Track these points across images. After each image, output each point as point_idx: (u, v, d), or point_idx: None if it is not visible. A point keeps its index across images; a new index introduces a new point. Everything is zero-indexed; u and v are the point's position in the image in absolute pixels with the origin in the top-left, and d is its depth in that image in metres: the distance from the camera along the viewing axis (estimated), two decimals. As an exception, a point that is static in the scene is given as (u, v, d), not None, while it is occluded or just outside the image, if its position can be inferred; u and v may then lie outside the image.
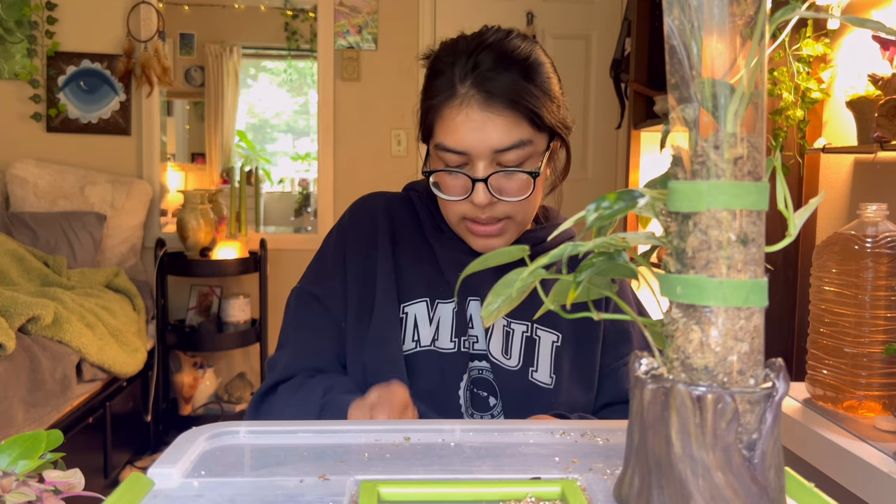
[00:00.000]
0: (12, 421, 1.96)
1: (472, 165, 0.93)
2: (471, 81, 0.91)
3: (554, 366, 0.98)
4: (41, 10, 3.28)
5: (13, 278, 2.62)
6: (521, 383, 0.97)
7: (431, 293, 1.00)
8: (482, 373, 0.98)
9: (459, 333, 0.98)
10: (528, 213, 0.98)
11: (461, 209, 0.96)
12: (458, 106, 0.92)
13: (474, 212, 0.95)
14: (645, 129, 2.74)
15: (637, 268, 0.52)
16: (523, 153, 0.93)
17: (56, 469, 0.58)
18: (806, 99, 1.89)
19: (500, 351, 0.98)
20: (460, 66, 0.93)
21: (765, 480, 0.46)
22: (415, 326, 0.99)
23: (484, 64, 0.92)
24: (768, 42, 0.46)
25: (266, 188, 5.89)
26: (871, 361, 1.24)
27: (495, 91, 0.91)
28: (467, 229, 0.98)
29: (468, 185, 0.93)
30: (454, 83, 0.93)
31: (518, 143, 0.92)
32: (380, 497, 0.52)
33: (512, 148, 0.92)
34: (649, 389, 0.48)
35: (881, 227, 1.24)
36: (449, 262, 1.01)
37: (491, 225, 0.96)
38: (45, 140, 3.33)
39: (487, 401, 0.98)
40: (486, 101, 0.91)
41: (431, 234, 1.04)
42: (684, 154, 0.47)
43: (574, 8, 3.56)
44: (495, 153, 0.92)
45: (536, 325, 0.99)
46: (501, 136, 0.91)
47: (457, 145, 0.92)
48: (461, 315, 0.99)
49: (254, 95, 6.23)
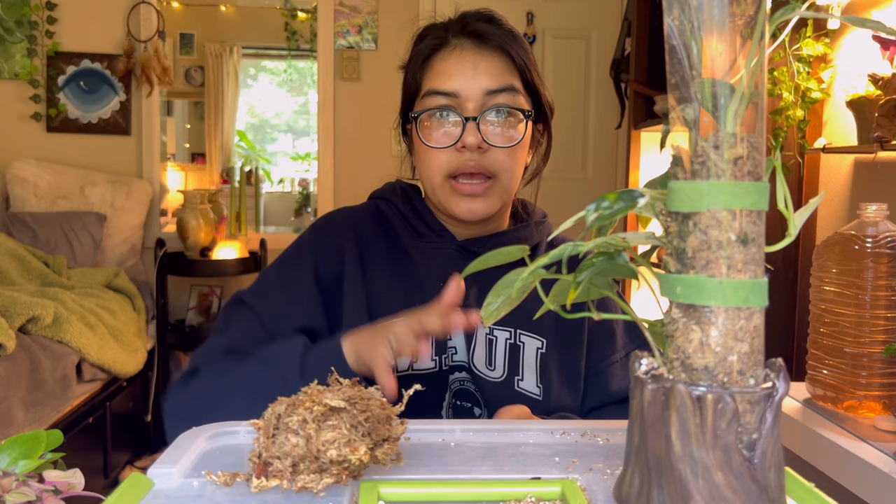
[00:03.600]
0: (12, 421, 1.96)
1: (463, 109, 0.92)
2: (463, 33, 0.95)
3: (540, 374, 0.95)
4: (41, 10, 3.28)
5: (13, 278, 2.62)
6: (507, 393, 0.93)
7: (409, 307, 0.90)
8: (464, 384, 0.94)
9: (439, 351, 0.93)
10: (513, 174, 0.95)
11: (447, 163, 0.92)
12: (451, 51, 0.94)
13: (462, 162, 0.92)
14: (645, 129, 2.74)
15: (637, 268, 0.52)
16: (513, 100, 0.93)
17: (56, 469, 0.58)
18: (806, 99, 1.89)
19: (484, 363, 0.93)
20: (451, 25, 0.96)
21: (765, 480, 0.46)
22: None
23: (473, 20, 0.96)
24: (768, 42, 0.46)
25: (266, 188, 5.89)
26: (871, 361, 1.24)
27: (488, 38, 0.94)
28: (452, 189, 0.93)
29: (457, 133, 0.92)
30: (446, 37, 0.95)
31: (509, 86, 0.93)
32: (380, 497, 0.52)
33: (503, 91, 0.92)
34: (649, 389, 0.48)
35: (881, 227, 1.24)
36: (428, 272, 0.96)
37: (477, 182, 0.92)
38: (45, 140, 3.34)
39: (472, 412, 0.94)
40: (478, 45, 0.94)
41: (408, 243, 0.99)
42: (684, 154, 0.47)
43: (574, 8, 3.56)
44: (486, 95, 0.92)
45: (520, 330, 0.95)
46: (494, 77, 0.92)
47: (448, 86, 0.92)
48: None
49: (254, 95, 6.23)
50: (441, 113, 0.93)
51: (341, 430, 0.52)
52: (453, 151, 0.92)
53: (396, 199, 1.02)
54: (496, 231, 1.01)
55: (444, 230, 1.00)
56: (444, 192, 0.95)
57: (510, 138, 0.93)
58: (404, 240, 0.99)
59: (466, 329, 0.80)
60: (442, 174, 0.93)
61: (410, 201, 1.02)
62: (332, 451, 0.51)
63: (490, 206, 0.94)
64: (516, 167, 0.95)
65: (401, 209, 1.01)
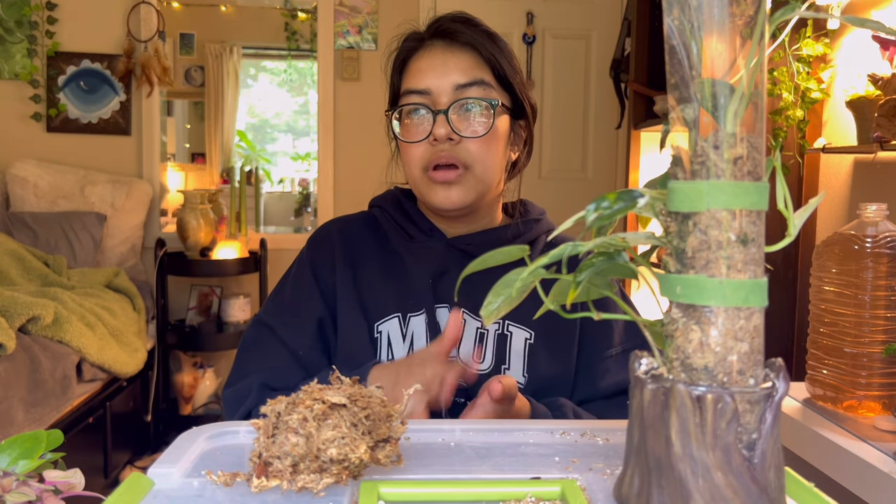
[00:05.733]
0: (12, 421, 1.96)
1: (436, 105, 0.97)
2: (436, 34, 1.00)
3: (528, 364, 0.97)
4: (41, 10, 3.28)
5: (13, 278, 2.62)
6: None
7: (402, 307, 0.99)
8: None
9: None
10: (486, 165, 0.98)
11: (422, 156, 0.97)
12: (422, 52, 1.00)
13: (435, 153, 0.96)
14: (645, 129, 2.74)
15: (637, 268, 0.52)
16: (484, 94, 0.97)
17: (56, 469, 0.58)
18: (806, 99, 1.89)
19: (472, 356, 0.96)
20: (426, 28, 1.02)
21: (765, 480, 0.46)
22: (388, 345, 0.97)
23: (447, 21, 1.00)
24: (768, 42, 0.46)
25: (266, 188, 5.90)
26: (871, 361, 1.24)
27: (458, 37, 0.98)
28: (429, 180, 0.98)
29: (430, 126, 0.96)
30: (421, 39, 1.01)
31: (479, 80, 0.97)
32: (380, 497, 0.52)
33: (473, 84, 0.96)
34: (649, 389, 0.48)
35: (881, 227, 1.24)
36: (419, 271, 1.00)
37: (450, 170, 0.96)
38: (45, 140, 3.34)
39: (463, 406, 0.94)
40: (448, 43, 0.99)
41: (400, 244, 1.03)
42: (684, 154, 0.47)
43: (574, 8, 3.56)
44: (457, 90, 0.96)
45: (508, 321, 0.98)
46: (462, 72, 0.97)
47: (421, 84, 0.97)
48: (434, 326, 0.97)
49: (254, 95, 6.23)
50: (415, 110, 0.98)
51: (341, 428, 0.52)
52: (428, 146, 0.97)
53: (388, 205, 1.08)
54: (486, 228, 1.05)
55: (434, 230, 1.04)
56: (422, 183, 1.00)
57: (479, 128, 0.97)
58: (395, 242, 1.04)
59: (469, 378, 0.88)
60: (419, 167, 0.98)
61: (402, 205, 1.07)
62: (333, 449, 0.51)
63: (465, 195, 0.98)
64: (490, 158, 0.98)
65: (392, 214, 1.06)
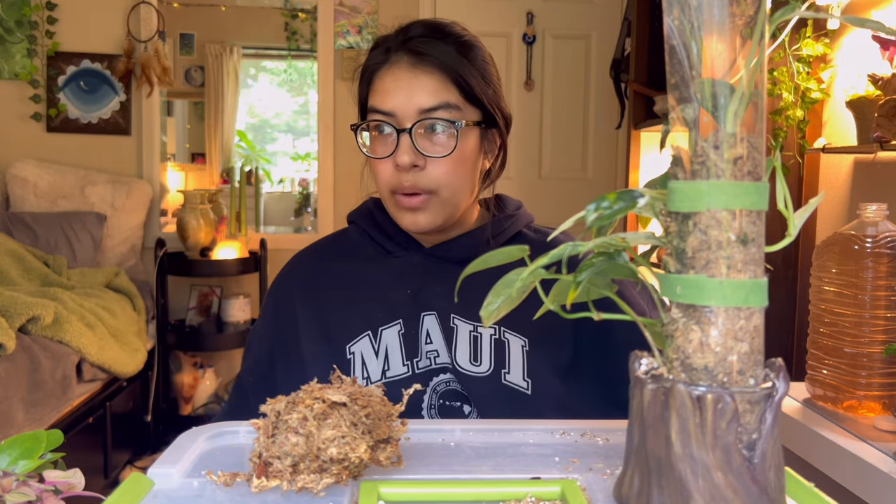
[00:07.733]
0: (12, 421, 1.96)
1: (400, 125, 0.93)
2: (402, 48, 0.95)
3: (528, 369, 0.94)
4: (41, 10, 3.28)
5: (13, 278, 2.62)
6: (494, 386, 0.92)
7: (372, 323, 0.96)
8: (449, 384, 0.94)
9: (411, 355, 0.94)
10: (453, 189, 0.95)
11: (388, 181, 0.95)
12: (388, 69, 0.95)
13: (399, 181, 0.94)
14: (645, 129, 2.74)
15: (637, 268, 0.52)
16: (449, 115, 0.93)
17: (56, 469, 0.58)
18: (806, 99, 1.89)
19: (469, 359, 0.94)
20: (393, 38, 0.97)
21: (765, 480, 0.46)
22: (363, 364, 0.95)
23: (415, 32, 0.96)
24: (768, 42, 0.46)
25: (266, 188, 5.89)
26: (871, 361, 1.24)
27: (425, 54, 0.94)
28: (396, 204, 0.96)
29: (394, 145, 0.94)
30: (388, 52, 0.97)
31: (444, 104, 0.93)
32: (380, 497, 0.52)
33: (438, 108, 0.92)
34: (649, 389, 0.48)
35: (881, 227, 1.24)
36: (392, 281, 0.99)
37: (414, 197, 0.94)
38: (45, 140, 3.34)
39: (461, 410, 0.94)
40: (414, 63, 0.94)
41: (376, 259, 1.02)
42: (684, 154, 0.47)
43: (574, 8, 3.56)
44: (421, 113, 0.92)
45: (504, 328, 0.96)
46: (428, 95, 0.93)
47: (384, 105, 0.94)
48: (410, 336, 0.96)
49: (254, 95, 6.22)
50: (379, 126, 0.95)
51: (341, 427, 0.52)
52: (393, 170, 0.94)
53: (363, 221, 1.06)
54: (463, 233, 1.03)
55: (410, 242, 1.02)
56: (391, 204, 0.98)
57: (443, 149, 0.94)
58: (371, 257, 1.03)
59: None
60: (387, 189, 0.96)
61: (376, 220, 1.05)
62: (333, 448, 0.51)
63: (433, 219, 0.96)
64: (457, 180, 0.95)
65: (368, 230, 1.04)
